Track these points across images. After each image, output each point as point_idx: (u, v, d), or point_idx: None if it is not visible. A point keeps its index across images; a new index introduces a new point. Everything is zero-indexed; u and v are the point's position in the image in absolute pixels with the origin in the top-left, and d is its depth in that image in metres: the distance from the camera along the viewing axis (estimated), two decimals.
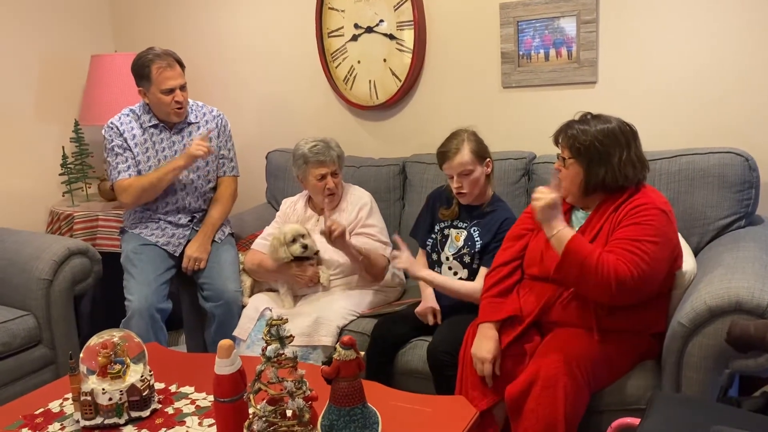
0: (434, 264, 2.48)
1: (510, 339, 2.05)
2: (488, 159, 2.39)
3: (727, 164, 2.31)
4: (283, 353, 1.49)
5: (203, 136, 2.74)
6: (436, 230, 2.49)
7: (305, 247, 2.56)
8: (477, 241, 2.38)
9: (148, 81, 2.71)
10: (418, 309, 2.38)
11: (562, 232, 1.91)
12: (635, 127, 2.02)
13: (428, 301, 2.40)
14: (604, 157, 1.96)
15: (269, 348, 1.48)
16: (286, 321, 1.51)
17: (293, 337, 1.52)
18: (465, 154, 2.32)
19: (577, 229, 2.06)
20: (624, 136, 1.98)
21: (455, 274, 2.42)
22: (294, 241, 2.56)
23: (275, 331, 1.48)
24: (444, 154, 2.35)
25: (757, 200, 2.34)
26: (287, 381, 1.49)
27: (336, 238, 2.44)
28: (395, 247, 2.44)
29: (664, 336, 1.96)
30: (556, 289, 2.05)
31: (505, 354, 2.04)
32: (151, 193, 2.77)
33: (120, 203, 2.95)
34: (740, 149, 2.33)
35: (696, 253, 2.27)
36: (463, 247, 2.40)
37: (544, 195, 1.94)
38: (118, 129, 2.78)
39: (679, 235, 2.06)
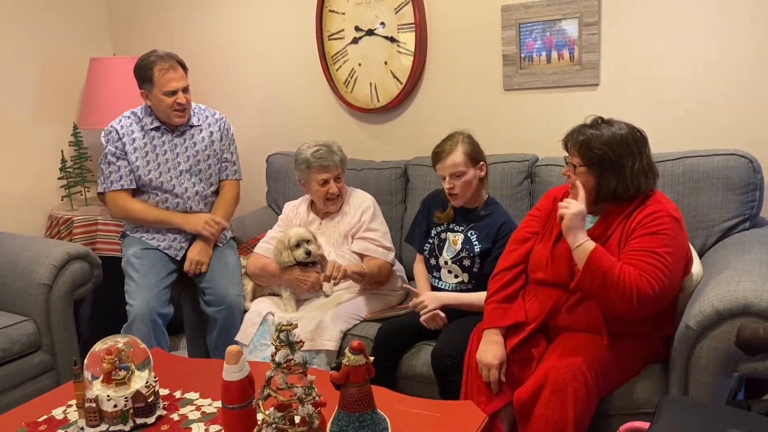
0: (433, 269, 2.47)
1: (515, 343, 2.04)
2: (482, 162, 2.38)
3: (732, 166, 2.31)
4: (293, 359, 1.48)
5: (219, 221, 2.75)
6: (432, 235, 2.48)
7: (308, 253, 2.54)
8: (475, 244, 2.37)
9: (150, 83, 2.69)
10: (423, 318, 2.37)
11: (587, 243, 1.90)
12: (645, 133, 2.01)
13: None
14: (617, 168, 1.93)
15: (279, 353, 1.47)
16: (296, 326, 1.50)
17: (303, 342, 1.51)
18: (458, 156, 2.31)
19: None
20: (636, 144, 1.96)
21: (456, 277, 2.41)
22: (298, 246, 2.55)
23: (285, 337, 1.47)
24: (438, 154, 2.36)
25: (761, 202, 2.34)
26: (297, 387, 1.48)
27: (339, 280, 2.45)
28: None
29: (671, 339, 1.96)
30: (561, 293, 2.04)
31: (511, 359, 2.03)
32: (136, 221, 2.81)
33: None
34: (744, 151, 2.33)
35: (701, 255, 2.27)
36: (461, 250, 2.39)
37: (572, 204, 1.94)
38: (117, 133, 2.76)
39: None
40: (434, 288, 2.47)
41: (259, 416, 1.54)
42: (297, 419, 1.53)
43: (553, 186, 2.39)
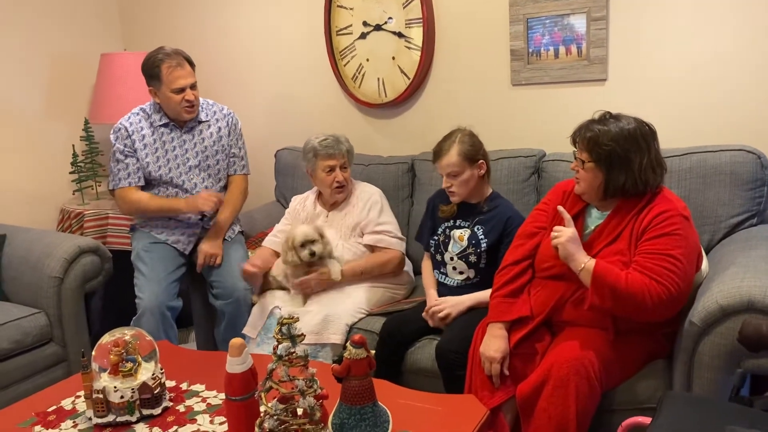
0: (439, 264, 2.47)
1: (519, 337, 2.04)
2: (481, 161, 2.37)
3: (739, 162, 2.29)
4: (294, 351, 1.49)
5: (214, 194, 2.76)
6: (438, 232, 2.48)
7: (313, 254, 2.55)
8: (482, 239, 2.37)
9: (158, 80, 2.71)
10: (425, 313, 2.38)
11: (588, 263, 1.91)
12: (654, 127, 1.99)
13: (433, 301, 2.40)
14: (625, 163, 1.92)
15: (280, 346, 1.48)
16: (297, 319, 1.51)
17: (304, 335, 1.52)
18: (452, 156, 2.32)
19: (592, 228, 2.06)
20: (644, 139, 1.94)
21: (461, 273, 2.41)
22: (303, 246, 2.56)
23: (286, 330, 1.49)
24: (436, 153, 2.38)
25: None
26: (298, 379, 1.49)
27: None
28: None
29: (675, 335, 1.96)
30: (567, 287, 2.04)
31: (515, 353, 2.04)
32: (144, 214, 2.84)
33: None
34: (752, 147, 2.31)
35: (707, 251, 2.26)
36: (468, 246, 2.39)
37: (562, 231, 1.96)
38: (126, 130, 2.79)
39: None
40: (439, 284, 2.47)
41: (262, 408, 1.56)
42: (299, 411, 1.54)
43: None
